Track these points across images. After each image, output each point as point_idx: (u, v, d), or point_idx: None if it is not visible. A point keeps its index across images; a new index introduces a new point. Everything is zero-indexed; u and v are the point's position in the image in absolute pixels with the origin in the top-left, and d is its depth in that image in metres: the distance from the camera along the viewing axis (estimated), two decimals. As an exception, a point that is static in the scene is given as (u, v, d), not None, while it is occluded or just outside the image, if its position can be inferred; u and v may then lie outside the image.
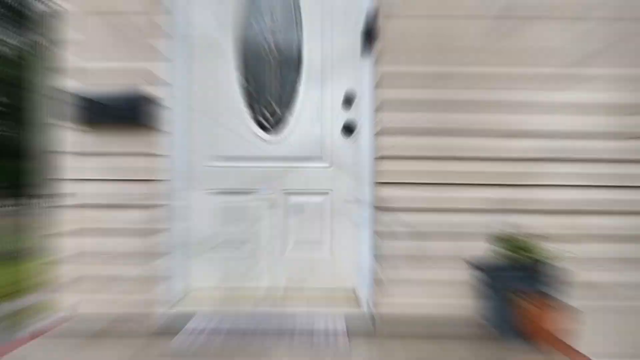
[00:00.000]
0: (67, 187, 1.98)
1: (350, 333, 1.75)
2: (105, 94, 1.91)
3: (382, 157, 1.95)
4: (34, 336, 1.77)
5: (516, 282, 1.71)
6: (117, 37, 1.96)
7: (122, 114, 1.92)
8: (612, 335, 1.93)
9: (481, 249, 1.87)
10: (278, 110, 2.12)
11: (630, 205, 1.96)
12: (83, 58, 1.96)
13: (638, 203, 1.96)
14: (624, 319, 1.94)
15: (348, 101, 2.05)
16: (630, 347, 1.93)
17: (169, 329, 1.78)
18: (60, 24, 1.96)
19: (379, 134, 1.95)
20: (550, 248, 1.77)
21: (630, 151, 1.96)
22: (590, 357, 1.60)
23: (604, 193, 1.96)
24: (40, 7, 2.20)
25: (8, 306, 3.07)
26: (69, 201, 1.97)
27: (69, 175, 1.97)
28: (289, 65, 2.10)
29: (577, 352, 1.63)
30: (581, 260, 1.90)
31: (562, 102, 1.95)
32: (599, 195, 1.96)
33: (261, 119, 2.11)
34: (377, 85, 1.95)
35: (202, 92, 2.08)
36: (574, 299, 1.74)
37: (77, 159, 1.97)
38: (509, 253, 1.77)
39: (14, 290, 3.42)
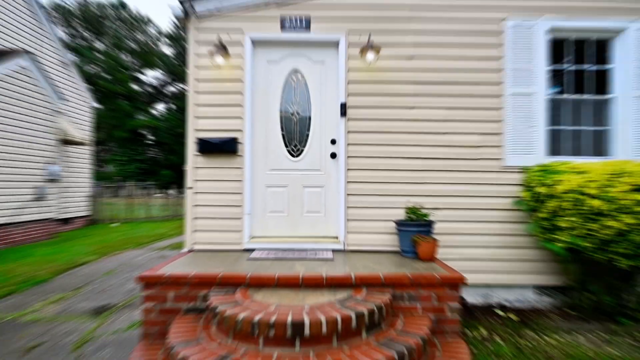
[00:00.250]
0: (191, 183, 3.84)
1: (334, 253, 3.59)
2: (213, 138, 3.80)
3: (349, 169, 3.82)
4: (182, 255, 3.61)
5: (414, 229, 3.53)
6: (220, 107, 3.87)
7: (222, 147, 3.80)
8: (452, 251, 3.75)
9: (400, 215, 3.71)
10: (299, 146, 3.99)
11: (470, 193, 3.81)
12: (202, 118, 3.85)
13: (474, 192, 3.80)
14: (457, 241, 3.76)
15: (333, 142, 3.92)
16: (458, 256, 3.75)
17: (245, 253, 3.62)
18: (189, 98, 3.87)
19: (348, 157, 3.82)
20: (430, 213, 3.61)
21: (473, 161, 3.82)
22: (442, 260, 3.43)
23: (459, 187, 3.81)
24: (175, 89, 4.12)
25: (168, 241, 5.00)
26: (192, 190, 3.84)
27: (192, 177, 3.84)
28: (304, 124, 3.99)
29: (438, 259, 3.45)
30: (444, 219, 3.74)
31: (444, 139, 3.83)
32: (456, 188, 3.81)
33: (290, 149, 3.99)
34: (347, 133, 3.83)
35: (261, 136, 3.96)
36: (437, 236, 3.58)
37: (196, 170, 3.85)
38: (412, 216, 3.60)
39: (169, 234, 5.55)
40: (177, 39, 37.03)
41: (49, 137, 8.03)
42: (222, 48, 3.70)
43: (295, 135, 3.99)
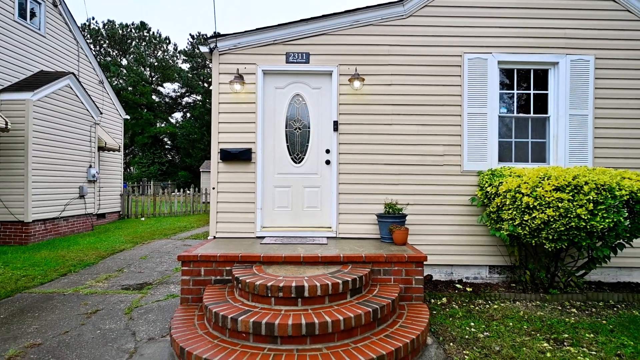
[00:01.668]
0: (215, 184, 4.33)
1: (328, 239, 4.08)
2: (232, 148, 4.28)
3: (340, 173, 4.31)
4: (208, 241, 4.09)
5: (390, 220, 4.02)
6: (237, 124, 4.35)
7: (239, 156, 4.28)
8: (421, 237, 4.24)
9: (380, 209, 4.20)
10: (300, 154, 4.48)
11: (436, 192, 4.30)
12: (223, 132, 4.34)
13: (439, 191, 4.30)
14: (429, 230, 4.26)
15: (327, 151, 4.42)
16: (427, 242, 4.24)
17: (258, 240, 4.11)
18: (213, 117, 4.35)
19: (339, 164, 4.31)
20: (403, 208, 4.10)
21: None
22: (413, 245, 3.92)
23: (427, 187, 4.31)
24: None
25: (189, 233, 5.49)
26: (215, 190, 4.33)
27: (215, 179, 4.33)
28: (305, 137, 4.48)
29: (409, 244, 3.95)
30: (415, 212, 4.24)
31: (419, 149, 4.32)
32: (425, 188, 4.30)
33: (293, 157, 4.48)
34: (339, 144, 4.32)
35: (270, 147, 4.44)
36: (409, 226, 4.08)
37: (219, 174, 4.33)
38: (389, 210, 4.09)
39: (189, 227, 6.05)
40: (193, 56, 37.47)
41: (89, 145, 8.51)
42: (240, 77, 4.19)
43: (297, 146, 4.48)
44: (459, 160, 4.32)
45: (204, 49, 4.31)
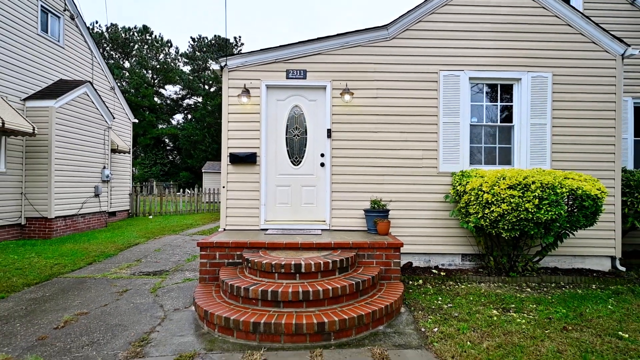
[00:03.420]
0: (224, 184, 4.98)
1: (322, 231, 4.74)
2: (239, 152, 4.94)
3: (333, 174, 4.97)
4: (220, 232, 4.75)
5: (375, 214, 4.68)
6: (244, 131, 5.01)
7: (245, 159, 4.94)
8: (403, 229, 4.91)
9: (367, 205, 4.86)
10: (298, 158, 5.14)
11: (415, 190, 4.97)
12: (232, 139, 5.00)
13: (418, 190, 4.96)
14: (413, 223, 4.93)
15: (322, 155, 5.08)
16: (407, 233, 4.91)
17: (262, 231, 4.77)
18: (223, 125, 5.01)
19: (332, 166, 4.97)
20: (387, 204, 4.77)
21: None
22: (395, 236, 4.59)
23: (407, 186, 4.97)
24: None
25: (196, 229, 6.19)
26: (225, 188, 4.98)
27: (225, 179, 4.99)
28: (302, 142, 5.14)
29: (391, 234, 4.61)
30: (397, 208, 4.90)
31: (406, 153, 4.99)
32: (405, 187, 4.97)
33: (293, 160, 5.13)
34: (332, 149, 4.98)
35: (273, 151, 5.10)
36: (391, 219, 4.75)
37: (228, 174, 4.98)
38: (375, 206, 4.75)
39: (195, 224, 6.72)
40: (194, 59, 38.11)
41: (103, 147, 9.15)
42: (246, 91, 4.85)
43: (296, 150, 5.14)
44: (435, 163, 4.99)
45: (215, 66, 4.97)
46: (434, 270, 4.81)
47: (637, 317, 3.30)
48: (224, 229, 4.92)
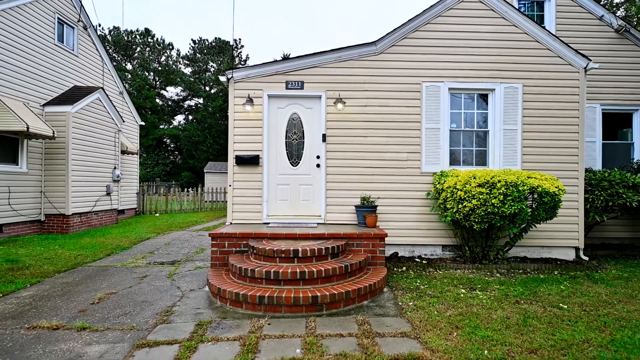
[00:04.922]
0: (231, 182, 5.57)
1: (318, 224, 5.34)
2: (244, 155, 5.52)
3: (327, 174, 5.56)
4: (227, 226, 5.34)
5: (365, 209, 5.27)
6: (247, 135, 5.59)
7: (249, 160, 5.52)
8: (389, 224, 5.51)
9: (357, 201, 5.46)
10: (297, 160, 5.72)
11: (401, 188, 5.57)
12: (237, 142, 5.58)
13: (403, 188, 5.56)
14: (399, 217, 5.53)
15: (318, 157, 5.66)
16: (393, 226, 5.51)
17: (264, 224, 5.36)
18: (230, 131, 5.59)
19: (327, 167, 5.56)
20: (375, 200, 5.36)
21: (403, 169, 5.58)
22: (382, 229, 5.18)
23: (394, 184, 5.56)
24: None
25: (201, 226, 6.77)
26: (231, 187, 5.57)
27: (232, 179, 5.57)
28: (300, 146, 5.72)
29: (378, 227, 5.20)
30: (384, 204, 5.49)
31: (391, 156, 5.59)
32: (392, 185, 5.56)
33: (291, 162, 5.72)
34: (326, 152, 5.57)
35: (274, 154, 5.68)
36: (379, 214, 5.34)
37: (234, 174, 5.57)
38: (364, 202, 5.34)
39: (200, 221, 7.28)
40: (195, 61, 38.66)
41: (113, 149, 9.73)
42: (250, 100, 5.43)
43: (294, 153, 5.73)
44: (418, 164, 5.58)
45: (222, 78, 5.56)
46: (417, 259, 5.40)
47: (581, 294, 3.90)
48: (231, 223, 5.51)
